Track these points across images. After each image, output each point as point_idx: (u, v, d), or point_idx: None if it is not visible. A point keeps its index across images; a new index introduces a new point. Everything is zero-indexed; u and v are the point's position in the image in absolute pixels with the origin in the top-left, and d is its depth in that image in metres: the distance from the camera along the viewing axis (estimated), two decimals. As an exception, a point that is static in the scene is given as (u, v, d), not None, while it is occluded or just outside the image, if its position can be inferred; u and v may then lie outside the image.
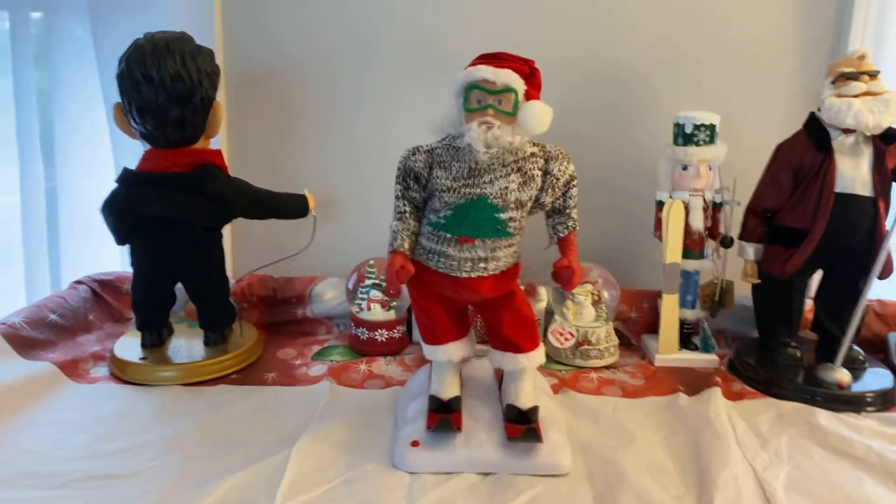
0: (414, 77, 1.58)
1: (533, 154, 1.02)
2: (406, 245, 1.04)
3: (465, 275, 1.03)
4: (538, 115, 0.99)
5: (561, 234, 1.07)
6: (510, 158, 1.01)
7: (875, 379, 1.29)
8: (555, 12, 1.54)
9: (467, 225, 1.01)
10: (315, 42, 1.58)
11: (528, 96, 1.01)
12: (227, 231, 1.62)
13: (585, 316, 1.43)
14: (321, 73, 1.60)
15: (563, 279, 1.03)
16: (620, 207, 1.62)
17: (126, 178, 1.26)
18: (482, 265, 1.03)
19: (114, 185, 1.27)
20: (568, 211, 1.06)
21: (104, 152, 1.57)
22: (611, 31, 1.55)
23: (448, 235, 1.02)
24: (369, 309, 1.44)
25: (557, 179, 1.03)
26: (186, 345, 1.38)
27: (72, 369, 1.29)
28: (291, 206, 1.41)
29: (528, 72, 1.02)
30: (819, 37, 1.52)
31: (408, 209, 1.06)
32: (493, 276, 1.05)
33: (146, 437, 1.08)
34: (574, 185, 1.06)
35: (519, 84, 0.99)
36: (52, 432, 1.08)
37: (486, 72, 0.97)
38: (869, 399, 1.23)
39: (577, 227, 1.07)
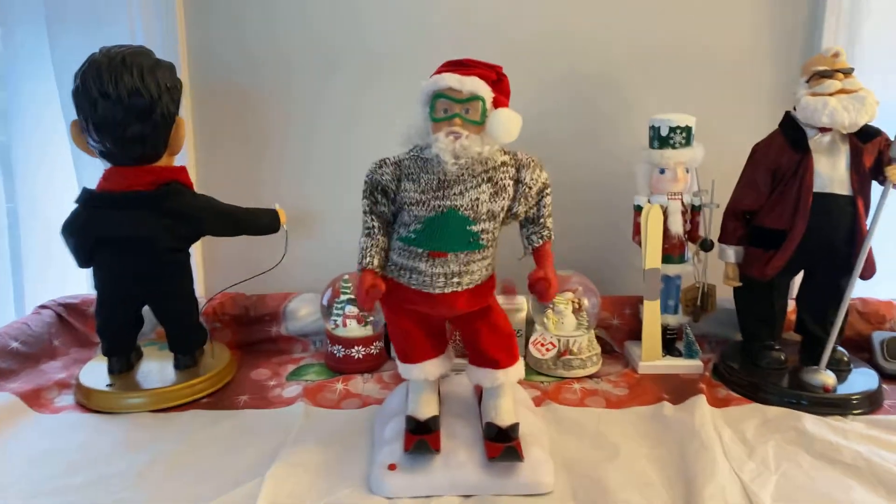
0: (386, 89, 1.54)
1: (504, 163, 0.99)
2: (375, 262, 1.00)
3: (438, 290, 0.99)
4: (507, 124, 0.95)
5: (536, 245, 1.03)
6: (479, 168, 0.97)
7: (861, 380, 1.28)
8: (525, 17, 1.52)
9: (438, 239, 0.97)
10: (284, 54, 1.54)
11: (497, 104, 0.97)
12: (197, 249, 1.58)
13: (566, 325, 1.40)
14: (291, 85, 1.56)
15: (540, 291, 1.00)
16: (598, 213, 1.59)
17: (86, 198, 1.22)
18: (455, 280, 0.99)
19: (74, 206, 1.22)
20: (542, 220, 1.03)
21: (66, 171, 1.51)
22: (584, 35, 1.53)
23: (419, 250, 0.98)
24: (345, 325, 1.41)
25: (530, 188, 1.00)
26: (156, 368, 1.33)
27: (34, 399, 1.24)
28: (262, 222, 1.37)
29: (496, 78, 0.99)
30: (793, 35, 1.50)
31: (376, 224, 1.02)
32: (468, 291, 1.01)
33: (112, 468, 1.03)
34: (548, 194, 1.02)
35: (486, 91, 0.95)
36: (13, 467, 1.04)
37: (452, 80, 0.94)
38: (855, 401, 1.21)
39: (552, 237, 1.04)
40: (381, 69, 1.54)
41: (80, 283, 1.58)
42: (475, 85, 0.94)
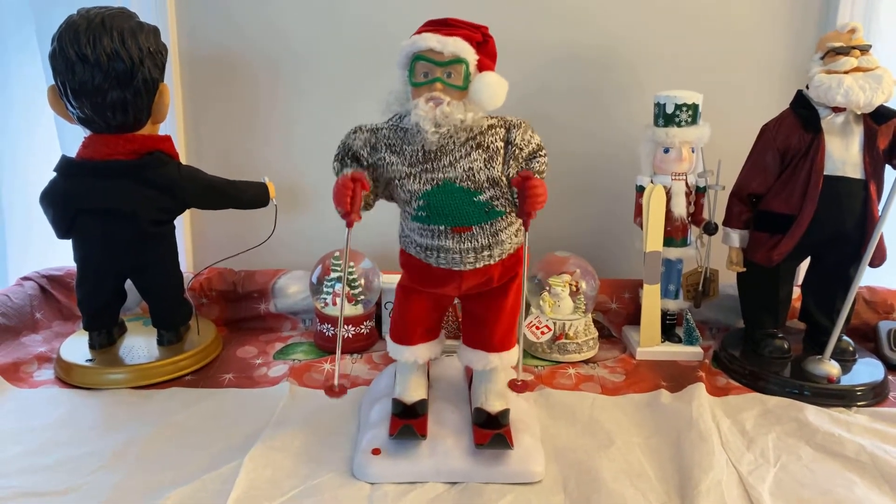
0: (382, 60, 1.48)
1: (491, 126, 0.93)
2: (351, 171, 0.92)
3: (469, 267, 0.94)
4: (492, 89, 0.90)
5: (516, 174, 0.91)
6: (464, 136, 0.91)
7: (866, 370, 1.24)
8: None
9: (451, 213, 0.92)
10: (279, 20, 1.48)
11: (481, 67, 0.92)
12: (185, 222, 1.54)
13: (563, 308, 1.36)
14: (285, 53, 1.50)
15: (527, 192, 0.88)
16: (599, 193, 1.54)
17: (64, 166, 1.17)
18: (486, 253, 0.94)
19: (52, 175, 1.18)
20: (531, 168, 0.93)
21: (49, 138, 1.46)
22: (586, 5, 1.46)
23: (440, 227, 0.93)
24: (334, 304, 1.36)
25: (521, 150, 0.93)
26: (140, 344, 1.29)
27: (12, 373, 1.21)
28: (250, 195, 1.32)
29: (481, 39, 0.93)
30: (807, 9, 1.44)
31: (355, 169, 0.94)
32: (501, 262, 0.96)
33: (86, 447, 1.00)
34: (541, 155, 0.94)
35: (470, 54, 0.90)
36: (-16, 444, 1.00)
37: (433, 40, 0.88)
38: (859, 393, 1.17)
39: (541, 173, 0.93)
40: (376, 40, 1.47)
41: (65, 255, 1.54)
42: (458, 46, 0.88)
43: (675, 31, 1.47)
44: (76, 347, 1.26)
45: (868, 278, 1.35)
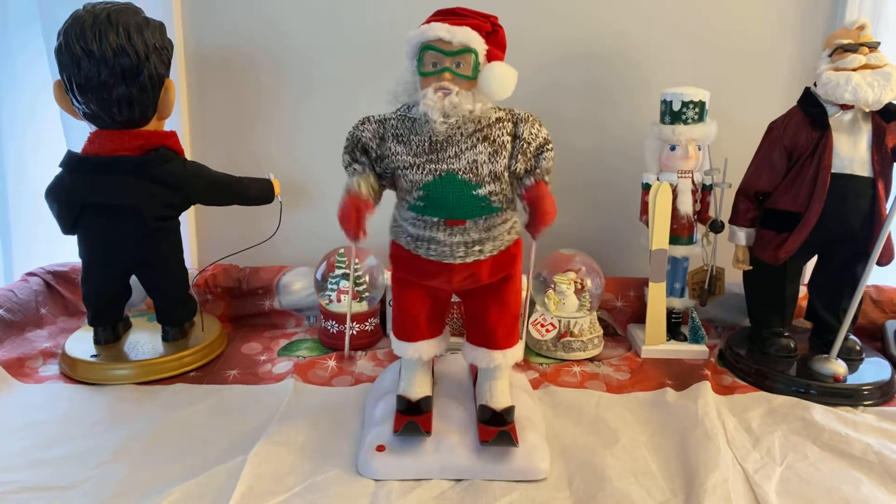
0: (386, 56, 1.48)
1: (499, 119, 0.93)
2: (363, 190, 0.93)
3: (459, 260, 0.94)
4: (501, 79, 0.89)
5: (528, 185, 0.93)
6: (472, 127, 0.91)
7: (872, 370, 1.23)
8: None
9: (449, 205, 0.92)
10: (284, 17, 1.48)
11: (490, 57, 0.91)
12: (190, 218, 1.54)
13: (568, 305, 1.36)
14: (290, 50, 1.50)
15: (537, 207, 0.90)
16: (605, 191, 1.53)
17: (70, 162, 1.17)
18: (477, 248, 0.94)
19: (58, 170, 1.18)
20: (538, 171, 0.93)
21: (55, 134, 1.46)
22: (589, 2, 1.45)
23: (434, 219, 0.93)
24: (339, 300, 1.36)
25: (529, 144, 0.93)
26: (144, 340, 1.29)
27: (17, 368, 1.21)
28: (254, 192, 1.32)
29: (491, 29, 0.92)
30: (815, 6, 1.43)
31: (363, 164, 0.95)
32: (492, 259, 0.96)
33: (91, 442, 1.00)
34: (548, 150, 0.94)
35: (479, 43, 0.89)
36: (-11, 438, 1.01)
37: (441, 30, 0.88)
38: (866, 392, 1.16)
39: (547, 180, 0.94)
40: (380, 36, 1.47)
41: (70, 250, 1.54)
42: (467, 36, 0.88)
43: (683, 29, 1.46)
44: (81, 343, 1.27)
45: (875, 277, 1.35)
